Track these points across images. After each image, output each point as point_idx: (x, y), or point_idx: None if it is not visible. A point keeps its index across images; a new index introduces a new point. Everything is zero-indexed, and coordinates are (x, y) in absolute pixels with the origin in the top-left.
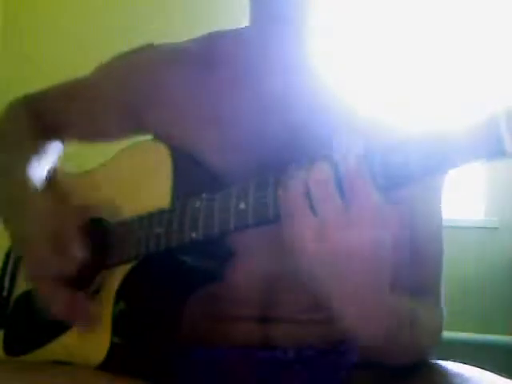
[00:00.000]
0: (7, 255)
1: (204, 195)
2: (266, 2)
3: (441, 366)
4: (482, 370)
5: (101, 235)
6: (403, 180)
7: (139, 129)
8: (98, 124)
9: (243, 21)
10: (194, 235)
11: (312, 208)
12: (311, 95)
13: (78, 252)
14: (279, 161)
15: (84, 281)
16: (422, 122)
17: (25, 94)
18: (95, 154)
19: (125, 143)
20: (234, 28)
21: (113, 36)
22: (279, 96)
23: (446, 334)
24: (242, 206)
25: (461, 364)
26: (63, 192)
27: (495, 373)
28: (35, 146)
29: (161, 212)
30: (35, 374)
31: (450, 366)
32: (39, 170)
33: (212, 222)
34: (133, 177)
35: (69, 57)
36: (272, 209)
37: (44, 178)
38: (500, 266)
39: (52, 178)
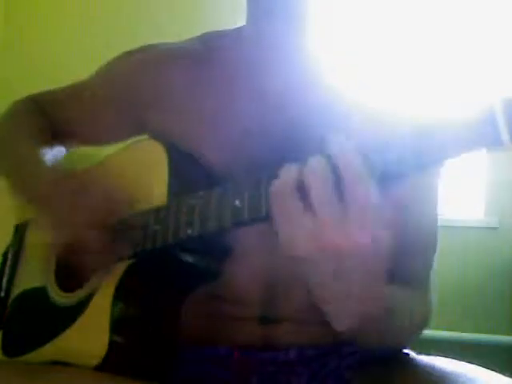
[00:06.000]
0: (4, 255)
1: (200, 192)
2: (264, 0)
3: (445, 364)
4: (485, 369)
5: None
6: (401, 173)
7: (139, 129)
8: (99, 125)
9: (239, 21)
10: (189, 232)
11: (306, 207)
12: (309, 93)
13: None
14: (277, 159)
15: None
16: (419, 114)
17: (30, 95)
18: (93, 153)
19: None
20: (232, 27)
21: (112, 36)
22: (277, 94)
23: (446, 334)
24: (237, 203)
25: (464, 363)
26: None
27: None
28: (39, 146)
29: (157, 209)
30: (33, 375)
31: (454, 365)
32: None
33: (208, 218)
34: (129, 175)
35: (69, 57)
36: (266, 206)
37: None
38: (500, 266)
39: None
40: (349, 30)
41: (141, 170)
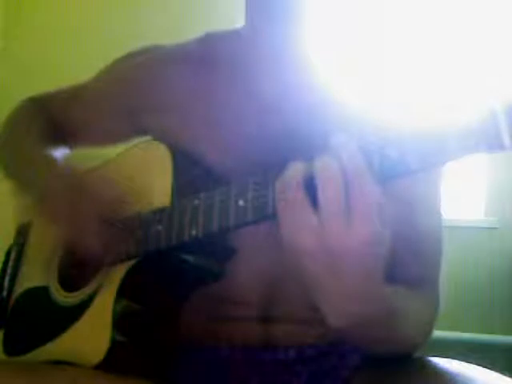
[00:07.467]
0: (7, 255)
1: (203, 193)
2: (262, 2)
3: (444, 365)
4: (485, 369)
5: None
6: (401, 173)
7: (141, 130)
8: (101, 127)
9: (240, 21)
10: (193, 232)
11: (311, 203)
12: (309, 94)
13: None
14: (278, 160)
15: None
16: (421, 116)
17: (32, 96)
18: (95, 153)
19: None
20: (232, 28)
21: (113, 37)
22: (277, 95)
23: (446, 334)
24: (241, 202)
25: (464, 363)
26: None
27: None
28: (44, 148)
29: (161, 210)
30: (35, 374)
31: (453, 365)
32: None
33: (211, 219)
34: (133, 175)
35: (69, 58)
36: (271, 205)
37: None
38: (500, 266)
39: None
40: (348, 31)
41: (145, 170)
